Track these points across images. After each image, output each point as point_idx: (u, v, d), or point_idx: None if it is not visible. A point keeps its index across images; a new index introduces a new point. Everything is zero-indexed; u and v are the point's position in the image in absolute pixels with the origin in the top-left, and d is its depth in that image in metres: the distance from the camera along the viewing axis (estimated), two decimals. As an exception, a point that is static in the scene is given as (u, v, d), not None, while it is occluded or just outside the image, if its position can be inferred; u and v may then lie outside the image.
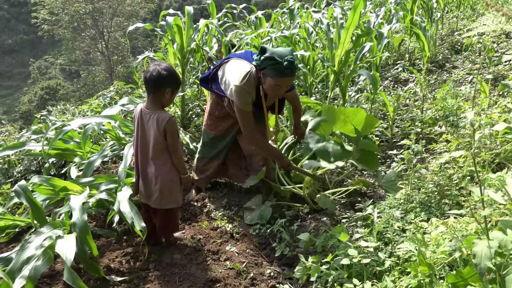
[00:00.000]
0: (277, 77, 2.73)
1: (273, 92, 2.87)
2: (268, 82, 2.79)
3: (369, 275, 2.13)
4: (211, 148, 3.43)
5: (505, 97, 4.08)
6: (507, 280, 1.17)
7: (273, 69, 2.71)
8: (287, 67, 2.69)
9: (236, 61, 3.01)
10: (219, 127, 3.33)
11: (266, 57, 2.70)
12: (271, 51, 2.73)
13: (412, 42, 6.79)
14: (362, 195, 3.58)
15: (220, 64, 3.13)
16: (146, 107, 2.61)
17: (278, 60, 2.67)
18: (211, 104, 3.33)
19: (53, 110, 7.19)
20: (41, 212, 2.68)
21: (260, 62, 2.75)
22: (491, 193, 1.29)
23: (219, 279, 2.47)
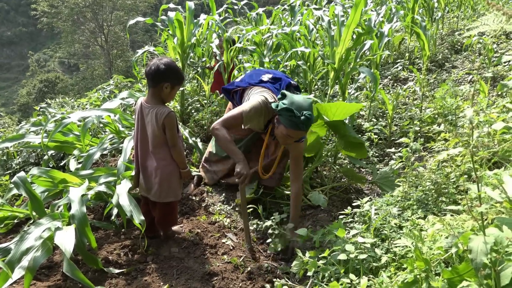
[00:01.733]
0: (290, 128, 2.67)
1: (283, 140, 2.82)
2: (280, 129, 2.73)
3: (366, 270, 2.15)
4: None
5: (504, 97, 4.10)
6: (502, 276, 1.19)
7: (288, 120, 2.64)
8: (303, 122, 2.63)
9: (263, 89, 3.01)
10: (239, 131, 3.18)
11: (284, 107, 2.63)
12: (290, 101, 2.66)
13: (412, 41, 6.81)
14: (359, 192, 3.61)
15: (242, 86, 3.13)
16: (146, 101, 2.63)
17: (296, 113, 2.61)
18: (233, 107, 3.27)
19: (52, 103, 7.17)
20: (40, 203, 2.68)
21: (277, 108, 2.69)
22: (488, 190, 1.30)
23: (216, 272, 2.48)
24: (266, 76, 3.13)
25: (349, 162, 4.09)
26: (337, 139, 3.59)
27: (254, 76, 3.19)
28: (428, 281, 1.35)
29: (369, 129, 4.39)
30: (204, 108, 4.75)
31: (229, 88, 3.26)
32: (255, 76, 3.19)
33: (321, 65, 4.95)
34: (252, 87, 3.07)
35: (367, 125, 4.41)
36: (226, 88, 3.30)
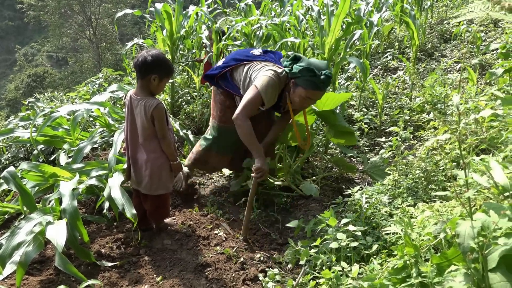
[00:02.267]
0: (310, 89, 2.67)
1: (300, 104, 2.79)
2: (299, 92, 2.70)
3: (357, 258, 2.17)
4: (222, 143, 3.18)
5: (492, 85, 4.14)
6: (489, 259, 1.21)
7: (308, 81, 2.64)
8: (323, 81, 2.64)
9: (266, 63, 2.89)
10: (230, 119, 2.95)
11: (304, 68, 2.62)
12: (308, 62, 2.67)
13: (401, 31, 6.83)
14: (350, 182, 3.63)
15: (234, 65, 2.97)
16: (135, 93, 2.60)
17: (317, 72, 2.61)
18: (220, 96, 3.12)
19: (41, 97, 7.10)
20: (31, 198, 2.67)
21: (295, 70, 2.66)
22: (476, 176, 1.32)
23: (209, 263, 2.49)
24: (256, 50, 3.03)
25: (340, 152, 4.11)
26: (327, 129, 3.61)
27: (242, 53, 3.03)
28: (418, 266, 1.37)
29: (360, 119, 4.41)
30: (195, 100, 4.74)
31: (214, 73, 3.04)
32: (243, 53, 3.04)
33: (311, 55, 4.94)
34: (249, 63, 2.92)
35: (358, 115, 4.43)
36: (210, 74, 3.06)
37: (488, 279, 1.21)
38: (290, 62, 2.77)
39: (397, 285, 1.42)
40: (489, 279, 1.22)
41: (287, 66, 2.78)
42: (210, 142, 3.21)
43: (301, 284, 2.15)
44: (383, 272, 1.80)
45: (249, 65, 2.91)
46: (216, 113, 3.16)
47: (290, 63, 2.77)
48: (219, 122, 3.14)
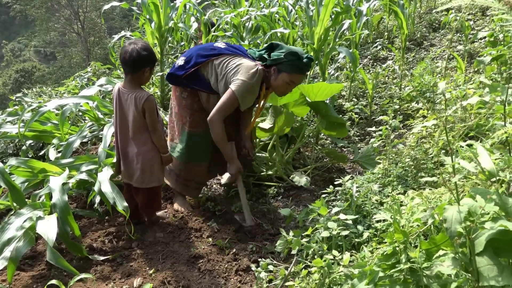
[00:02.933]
0: (294, 73, 2.70)
1: (283, 89, 2.80)
2: (282, 78, 2.72)
3: (348, 246, 2.19)
4: (196, 150, 3.00)
5: (480, 73, 4.17)
6: (476, 244, 1.23)
7: (291, 65, 2.67)
8: (306, 64, 2.69)
9: (237, 57, 2.78)
10: (200, 122, 2.90)
11: (288, 52, 2.64)
12: (288, 48, 2.69)
13: (390, 20, 6.84)
14: (341, 171, 3.65)
15: (201, 62, 2.82)
16: (124, 86, 2.58)
17: (300, 56, 2.64)
18: (186, 101, 2.93)
19: (29, 92, 7.02)
20: (20, 194, 2.64)
21: (277, 57, 2.67)
22: (463, 162, 1.34)
23: (202, 255, 2.50)
24: (220, 43, 2.90)
25: (331, 142, 4.13)
26: (318, 120, 3.62)
27: (206, 48, 2.88)
28: (407, 252, 1.39)
29: (350, 109, 4.42)
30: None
31: (181, 73, 2.84)
32: (208, 47, 2.89)
33: (301, 46, 4.94)
34: (218, 58, 2.79)
35: (348, 105, 4.44)
36: (175, 73, 2.87)
37: (475, 263, 1.23)
38: (266, 51, 2.78)
39: (386, 271, 1.43)
40: (476, 263, 1.23)
41: (263, 55, 2.77)
42: (182, 151, 3.01)
43: (293, 273, 2.17)
44: (374, 259, 1.82)
45: (220, 60, 2.79)
46: (185, 118, 2.96)
47: (266, 51, 2.78)
48: (189, 128, 2.95)
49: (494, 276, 1.17)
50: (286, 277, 2.12)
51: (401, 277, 1.42)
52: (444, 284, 1.32)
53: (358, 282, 1.51)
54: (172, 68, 2.93)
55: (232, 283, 2.30)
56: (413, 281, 1.40)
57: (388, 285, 1.43)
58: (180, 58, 2.94)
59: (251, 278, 2.32)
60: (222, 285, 2.27)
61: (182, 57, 2.93)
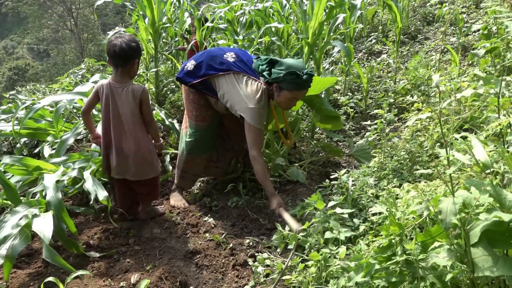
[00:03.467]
0: (295, 90, 2.72)
1: (287, 105, 2.84)
2: (284, 95, 2.74)
3: (345, 240, 2.20)
4: (199, 143, 3.09)
5: (474, 66, 4.18)
6: (471, 235, 1.24)
7: (292, 83, 2.68)
8: (306, 81, 2.69)
9: (243, 77, 2.81)
10: (206, 116, 3.05)
11: (287, 72, 2.64)
12: (287, 65, 2.68)
13: (385, 14, 6.83)
14: (337, 165, 3.66)
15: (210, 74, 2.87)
16: (115, 81, 2.59)
17: (299, 74, 2.64)
18: (194, 95, 3.02)
19: (23, 90, 6.97)
20: (15, 192, 2.62)
21: (277, 76, 2.68)
22: (457, 154, 1.34)
23: (199, 250, 2.51)
24: (230, 55, 2.91)
25: (327, 137, 4.14)
26: (313, 113, 3.62)
27: (216, 60, 2.90)
28: (402, 244, 1.40)
29: (345, 103, 4.43)
30: (180, 89, 4.70)
31: (188, 81, 2.95)
32: (218, 59, 2.90)
33: (296, 40, 4.93)
34: (227, 75, 2.83)
35: (343, 99, 4.45)
36: (184, 79, 2.99)
37: (470, 254, 1.24)
38: (267, 66, 2.76)
39: (382, 263, 1.44)
40: (471, 254, 1.25)
41: (264, 71, 2.76)
42: (190, 143, 3.09)
43: (290, 267, 2.18)
44: (370, 252, 1.83)
45: (227, 79, 2.83)
46: (191, 112, 3.06)
47: (267, 67, 2.76)
48: (195, 121, 3.06)
49: (489, 266, 1.18)
50: (283, 271, 2.13)
51: (397, 269, 1.43)
52: (440, 276, 1.33)
53: (354, 275, 1.52)
54: (181, 72, 3.01)
55: (229, 278, 2.30)
56: (409, 273, 1.41)
57: (384, 277, 1.44)
58: (190, 61, 3.01)
59: (248, 273, 2.32)
60: (219, 280, 2.28)
61: (192, 60, 3.00)
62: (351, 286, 1.65)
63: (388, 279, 1.43)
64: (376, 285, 1.60)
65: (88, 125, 2.76)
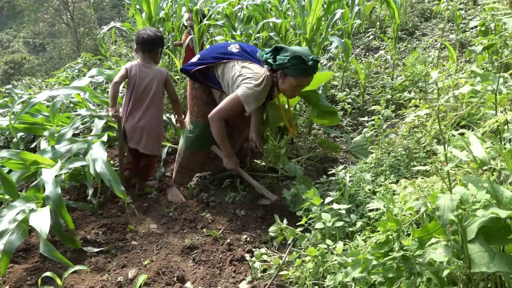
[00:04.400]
0: (301, 76, 2.68)
1: (291, 92, 2.80)
2: (289, 82, 2.69)
3: (342, 235, 2.21)
4: (198, 139, 3.11)
5: (472, 62, 4.19)
6: (468, 231, 1.25)
7: (297, 69, 2.64)
8: (312, 67, 2.65)
9: (247, 63, 2.82)
10: (207, 113, 2.95)
11: (292, 56, 2.60)
12: (292, 50, 2.65)
13: (383, 10, 6.82)
14: (334, 161, 3.67)
15: (213, 63, 2.89)
16: (143, 63, 3.09)
17: (305, 59, 2.61)
18: (197, 91, 3.04)
19: (19, 84, 6.93)
20: (13, 186, 2.61)
21: (282, 61, 2.64)
22: (455, 150, 1.35)
23: (196, 245, 2.51)
24: (234, 47, 2.94)
25: (324, 133, 4.14)
26: (310, 109, 3.62)
27: (220, 50, 2.93)
28: (400, 240, 1.40)
29: (343, 99, 4.43)
30: (177, 84, 4.68)
31: (190, 68, 2.96)
32: (221, 50, 2.94)
33: (293, 35, 4.92)
34: (229, 62, 2.85)
35: (341, 95, 4.45)
36: (186, 68, 3.01)
37: (467, 250, 1.25)
38: (271, 54, 2.73)
39: (380, 259, 1.45)
40: (468, 250, 1.25)
41: (269, 59, 2.74)
42: (191, 138, 3.12)
43: (287, 262, 2.19)
44: (367, 248, 1.84)
45: (231, 65, 2.83)
46: (192, 108, 3.09)
47: (272, 54, 2.73)
48: (196, 117, 3.08)
49: (485, 262, 1.19)
50: (281, 266, 2.13)
51: (394, 265, 1.44)
52: (437, 271, 1.34)
53: (351, 270, 1.53)
54: (186, 64, 3.07)
55: (226, 273, 2.31)
56: (406, 268, 1.42)
57: (381, 273, 1.45)
58: (196, 56, 3.09)
59: (245, 268, 2.33)
60: (216, 275, 2.29)
61: (198, 55, 3.09)
62: (348, 281, 1.66)
63: (385, 275, 1.44)
64: (373, 281, 1.61)
65: (114, 96, 3.03)
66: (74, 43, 26.50)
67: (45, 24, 29.59)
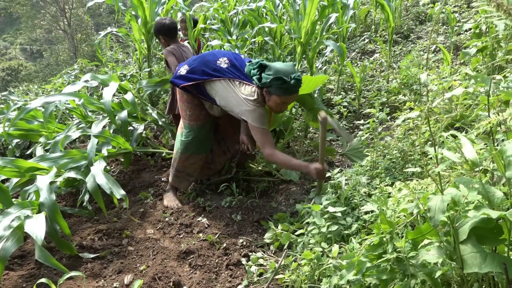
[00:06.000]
0: (284, 95, 2.71)
1: (278, 109, 2.85)
2: (274, 100, 2.74)
3: (337, 238, 2.21)
4: (193, 142, 3.10)
5: (466, 65, 4.21)
6: (460, 232, 1.25)
7: (280, 89, 2.67)
8: (294, 85, 2.67)
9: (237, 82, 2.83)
10: (200, 116, 3.07)
11: (274, 78, 2.63)
12: (275, 70, 2.66)
13: (377, 13, 6.86)
14: (330, 165, 3.67)
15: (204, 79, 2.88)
16: (177, 43, 3.98)
17: (286, 79, 2.63)
18: (188, 95, 3.02)
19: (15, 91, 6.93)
20: (7, 193, 2.60)
21: (265, 81, 2.67)
22: (446, 152, 1.36)
23: (192, 250, 2.51)
24: (223, 60, 2.91)
25: (319, 136, 4.14)
26: (305, 113, 3.63)
27: (210, 65, 2.90)
28: (393, 242, 1.41)
29: (338, 103, 4.44)
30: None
31: (180, 83, 2.97)
32: (211, 64, 2.90)
33: (289, 40, 4.94)
34: (221, 80, 2.84)
35: (336, 99, 4.46)
36: (176, 82, 3.01)
37: (459, 251, 1.26)
38: (258, 70, 2.75)
39: (373, 261, 1.45)
40: (460, 251, 1.26)
41: (255, 75, 2.75)
42: (185, 142, 3.11)
43: (283, 266, 2.19)
44: (362, 250, 1.84)
45: (223, 85, 2.84)
46: (185, 112, 3.08)
47: (258, 71, 2.74)
48: (189, 121, 3.08)
49: (477, 263, 1.20)
50: (277, 270, 2.13)
51: (388, 267, 1.44)
52: (430, 273, 1.34)
53: (346, 273, 1.53)
54: (174, 75, 3.04)
55: (223, 277, 2.31)
56: (399, 270, 1.42)
57: (376, 275, 1.45)
58: (183, 65, 3.02)
59: (241, 272, 2.33)
60: (213, 279, 2.28)
61: (185, 65, 3.01)
62: (343, 284, 1.66)
63: (379, 277, 1.44)
64: (368, 283, 1.61)
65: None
66: (71, 50, 26.51)
67: (42, 30, 29.64)
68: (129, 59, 7.30)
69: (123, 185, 3.45)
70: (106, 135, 3.32)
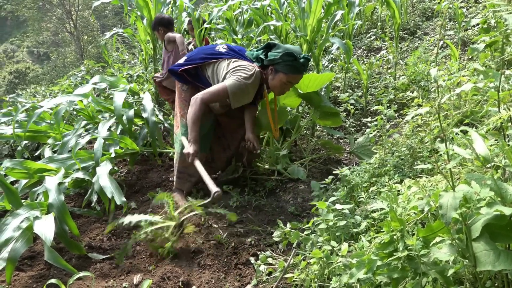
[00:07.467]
0: (291, 73, 2.70)
1: (281, 89, 2.82)
2: (279, 78, 2.72)
3: (346, 237, 2.20)
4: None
5: (474, 60, 4.17)
6: (473, 229, 1.23)
7: (288, 66, 2.66)
8: (303, 64, 2.68)
9: (236, 59, 2.83)
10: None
11: (284, 53, 2.62)
12: (285, 47, 2.67)
13: (383, 10, 6.81)
14: (338, 163, 3.66)
15: (201, 63, 2.91)
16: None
17: (297, 56, 2.63)
18: (186, 93, 3.03)
19: (23, 93, 6.98)
20: (16, 195, 2.61)
21: (274, 57, 2.66)
22: (457, 148, 1.34)
23: (201, 250, 2.50)
24: (221, 47, 2.96)
25: (327, 134, 4.13)
26: (312, 111, 3.61)
27: (207, 51, 2.95)
28: (404, 240, 1.39)
29: (345, 100, 4.42)
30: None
31: (176, 68, 2.97)
32: (209, 50, 2.96)
33: (294, 38, 4.92)
34: (218, 61, 2.86)
35: (343, 96, 4.44)
36: (173, 68, 3.00)
37: (472, 248, 1.24)
38: (263, 50, 2.76)
39: (384, 260, 1.44)
40: (473, 248, 1.24)
41: (260, 55, 2.75)
42: (180, 141, 3.08)
43: (292, 265, 2.17)
44: (372, 249, 1.82)
45: (220, 64, 2.85)
46: (183, 110, 3.06)
47: (263, 51, 2.75)
48: (186, 119, 3.01)
49: (491, 261, 1.18)
50: (286, 269, 2.12)
51: (399, 265, 1.42)
52: (442, 271, 1.32)
53: (356, 272, 1.52)
54: (173, 66, 3.04)
55: (231, 276, 2.30)
56: (411, 268, 1.40)
57: (386, 273, 1.43)
58: (183, 57, 3.05)
59: (250, 271, 2.32)
60: (222, 279, 2.28)
61: (185, 56, 3.04)
62: (353, 283, 1.65)
63: (390, 275, 1.42)
64: (378, 282, 1.59)
65: None
66: (78, 51, 26.68)
67: (48, 33, 29.86)
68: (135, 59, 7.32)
69: (131, 185, 3.46)
70: (114, 137, 3.33)
